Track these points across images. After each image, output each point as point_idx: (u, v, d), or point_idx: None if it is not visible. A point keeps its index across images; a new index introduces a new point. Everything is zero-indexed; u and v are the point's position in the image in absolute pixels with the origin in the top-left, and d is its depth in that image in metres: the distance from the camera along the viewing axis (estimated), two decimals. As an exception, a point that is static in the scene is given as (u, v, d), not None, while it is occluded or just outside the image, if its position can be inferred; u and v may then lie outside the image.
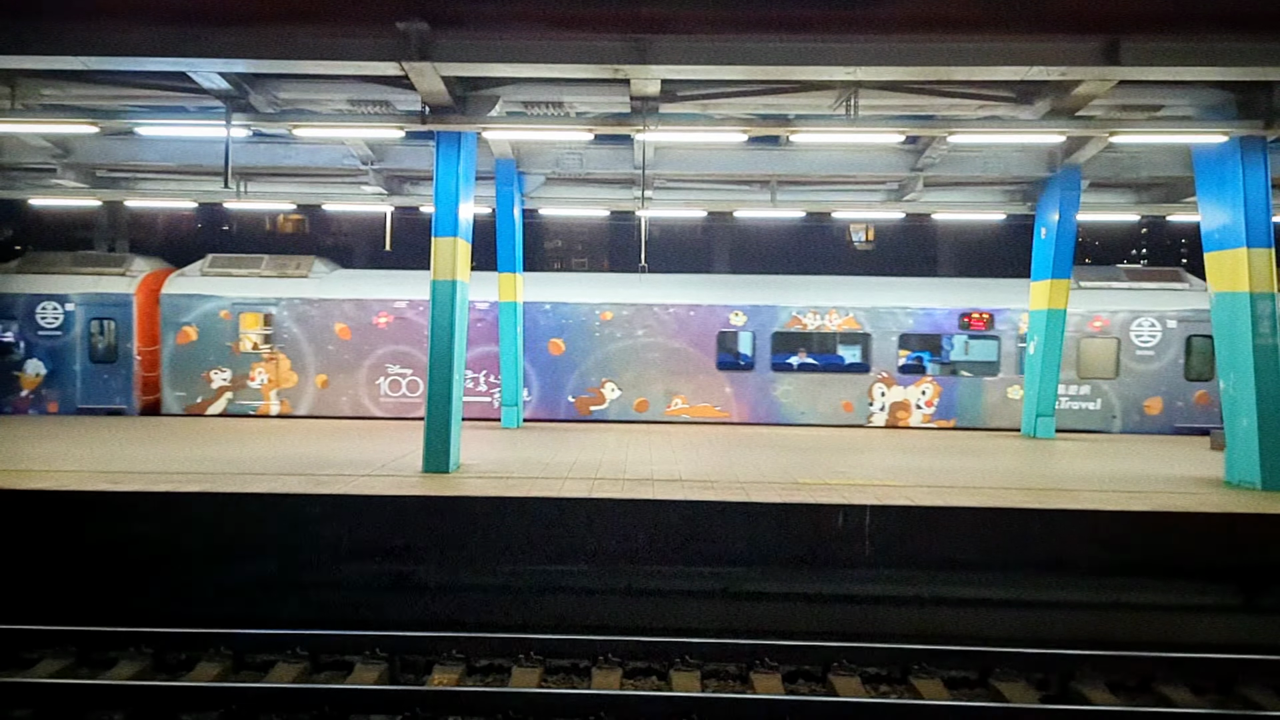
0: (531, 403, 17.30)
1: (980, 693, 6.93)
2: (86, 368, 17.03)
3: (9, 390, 16.99)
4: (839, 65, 9.23)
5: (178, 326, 17.15)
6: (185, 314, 17.13)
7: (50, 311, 16.92)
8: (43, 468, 10.06)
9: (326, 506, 8.70)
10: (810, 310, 17.27)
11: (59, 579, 8.38)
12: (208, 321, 17.15)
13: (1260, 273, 10.45)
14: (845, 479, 10.27)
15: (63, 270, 17.35)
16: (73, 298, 17.01)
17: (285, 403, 17.22)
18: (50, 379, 17.00)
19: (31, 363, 16.96)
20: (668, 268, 19.52)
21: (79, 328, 17.02)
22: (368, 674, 6.82)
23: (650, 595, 8.38)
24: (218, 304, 17.17)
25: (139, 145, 14.30)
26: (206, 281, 17.42)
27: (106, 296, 17.04)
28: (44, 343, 16.98)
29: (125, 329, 17.08)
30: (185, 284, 17.39)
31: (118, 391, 17.07)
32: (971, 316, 17.21)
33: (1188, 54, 9.07)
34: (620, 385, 17.33)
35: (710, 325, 17.31)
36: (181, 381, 17.19)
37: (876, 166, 14.38)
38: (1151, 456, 13.19)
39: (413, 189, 15.84)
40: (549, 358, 17.37)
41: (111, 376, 17.06)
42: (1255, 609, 8.31)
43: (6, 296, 17.00)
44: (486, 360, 17.19)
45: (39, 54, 9.23)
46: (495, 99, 10.71)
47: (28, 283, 17.16)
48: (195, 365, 17.19)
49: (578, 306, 17.36)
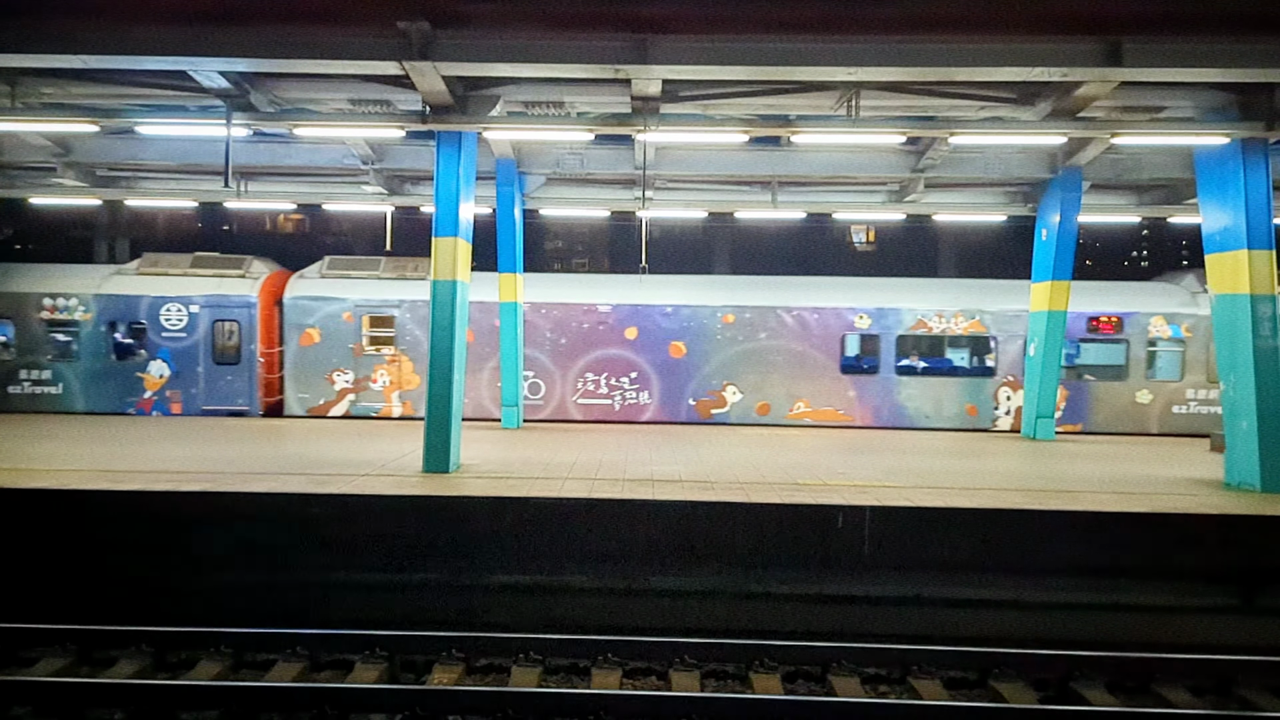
0: (652, 405, 17.31)
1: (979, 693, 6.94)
2: (210, 369, 17.07)
3: (133, 391, 17.03)
4: (840, 66, 9.22)
5: (301, 328, 17.13)
6: (309, 316, 17.13)
7: (175, 313, 16.96)
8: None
9: (325, 506, 8.71)
10: (935, 313, 17.20)
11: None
12: (330, 323, 17.16)
13: (1261, 274, 10.45)
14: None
15: (183, 272, 17.36)
16: (197, 300, 17.04)
17: (407, 404, 17.12)
18: (174, 380, 17.04)
19: (155, 364, 17.00)
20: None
21: (203, 329, 17.05)
22: (368, 673, 6.82)
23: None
24: (340, 306, 17.17)
25: (139, 144, 14.31)
26: (327, 284, 17.41)
27: (230, 299, 17.08)
28: (168, 344, 17.02)
29: (249, 331, 17.09)
30: (308, 286, 17.39)
31: (240, 393, 17.08)
32: (1100, 320, 17.08)
33: (1189, 55, 9.06)
34: (742, 388, 17.28)
35: (834, 328, 17.23)
36: (305, 383, 17.18)
37: (877, 167, 14.38)
38: (1152, 458, 13.18)
39: (413, 189, 15.84)
40: (670, 360, 17.31)
41: (235, 378, 17.09)
42: (1254, 610, 8.31)
43: (129, 298, 17.05)
44: (608, 363, 17.27)
45: (40, 53, 9.22)
46: (496, 99, 10.71)
47: (149, 284, 17.17)
48: (318, 367, 17.20)
49: (699, 309, 17.29)
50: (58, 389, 17.02)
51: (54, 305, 16.98)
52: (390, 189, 15.39)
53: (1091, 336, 17.19)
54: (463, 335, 11.03)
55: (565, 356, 17.34)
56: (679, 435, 15.11)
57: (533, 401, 17.27)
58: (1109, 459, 12.98)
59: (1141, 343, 16.97)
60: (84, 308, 17.00)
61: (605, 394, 17.37)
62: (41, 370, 17.03)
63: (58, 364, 17.08)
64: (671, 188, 15.70)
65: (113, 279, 17.32)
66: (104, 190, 15.65)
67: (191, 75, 10.09)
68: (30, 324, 17.00)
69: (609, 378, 17.35)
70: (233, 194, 15.20)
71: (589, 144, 14.33)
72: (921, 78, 9.64)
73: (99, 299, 17.02)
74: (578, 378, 17.31)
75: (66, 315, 17.02)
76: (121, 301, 17.06)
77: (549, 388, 17.33)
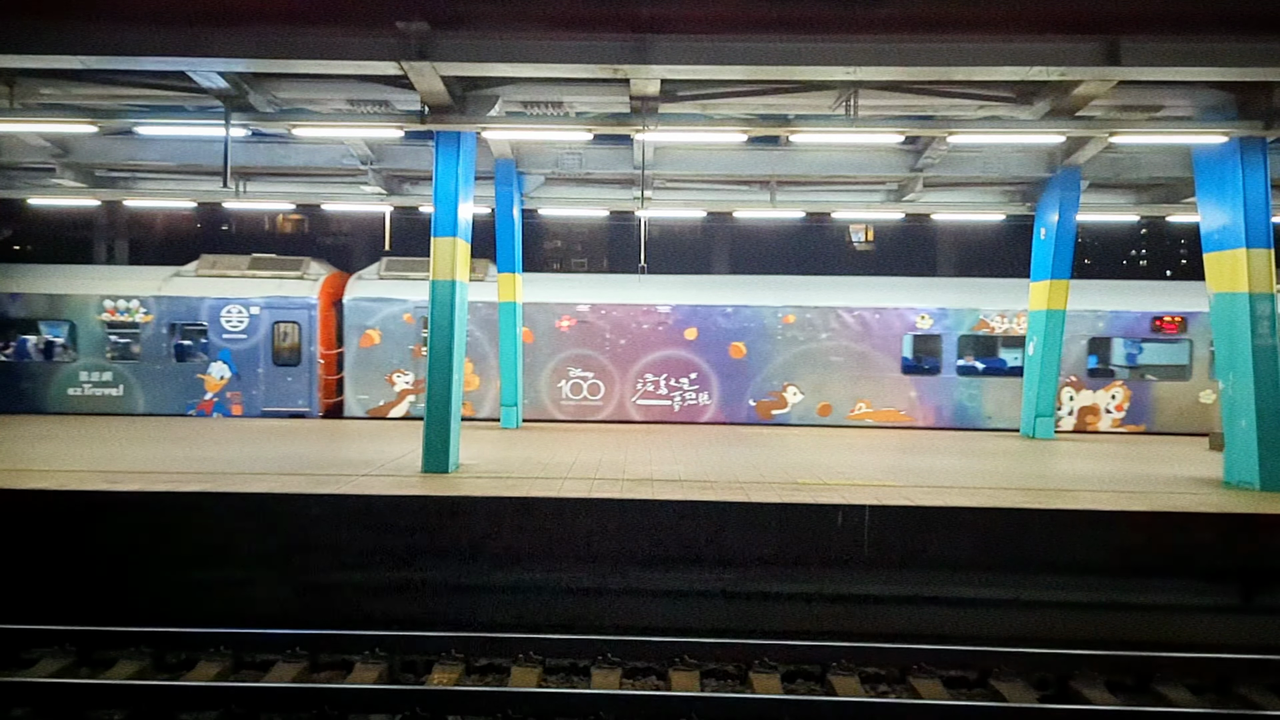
0: (712, 406, 17.30)
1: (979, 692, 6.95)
2: (270, 371, 17.09)
3: (194, 393, 17.05)
4: (839, 65, 9.22)
5: (361, 330, 17.11)
6: (369, 317, 17.10)
7: (235, 315, 16.95)
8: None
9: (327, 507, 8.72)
10: (998, 314, 17.16)
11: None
12: (390, 325, 17.13)
13: (1259, 273, 10.45)
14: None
15: (242, 274, 17.37)
16: (257, 301, 17.04)
17: (468, 405, 16.97)
18: (234, 382, 17.04)
19: (216, 366, 17.02)
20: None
21: (263, 331, 17.05)
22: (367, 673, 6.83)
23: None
24: (400, 307, 17.15)
25: (138, 145, 14.29)
26: (385, 285, 17.37)
27: (291, 300, 17.09)
28: (229, 345, 17.02)
29: (309, 332, 17.09)
30: (367, 288, 17.37)
31: (300, 394, 17.10)
32: (1164, 320, 17.03)
33: (1187, 55, 9.07)
34: (802, 389, 17.27)
35: (896, 328, 17.21)
36: (365, 385, 17.17)
37: (876, 167, 14.39)
38: (1151, 457, 13.19)
39: (412, 189, 15.84)
40: (730, 361, 17.29)
41: (295, 379, 17.10)
42: (1254, 609, 8.32)
43: (190, 300, 17.06)
44: (669, 364, 17.33)
45: (38, 53, 9.21)
46: (495, 99, 10.71)
47: (209, 286, 17.17)
48: (379, 368, 17.20)
49: (760, 309, 17.28)
50: (118, 390, 17.02)
51: (114, 307, 16.99)
52: (389, 189, 15.38)
53: (1154, 336, 17.19)
54: (462, 335, 11.02)
55: (624, 358, 17.37)
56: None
57: (592, 402, 17.30)
58: (1109, 458, 12.99)
59: (1205, 342, 16.82)
60: (145, 309, 17.01)
61: (665, 395, 17.36)
62: (102, 372, 17.04)
63: (118, 365, 17.10)
64: (670, 187, 15.70)
65: (173, 281, 17.30)
66: (102, 191, 15.63)
67: (190, 76, 10.08)
68: (91, 326, 17.01)
69: (669, 378, 17.35)
70: (231, 194, 15.20)
71: (588, 144, 14.31)
72: (920, 77, 9.65)
73: (160, 301, 17.03)
74: (637, 379, 17.35)
75: (127, 317, 17.03)
76: (182, 303, 17.08)
77: (608, 389, 17.34)
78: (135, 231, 36.03)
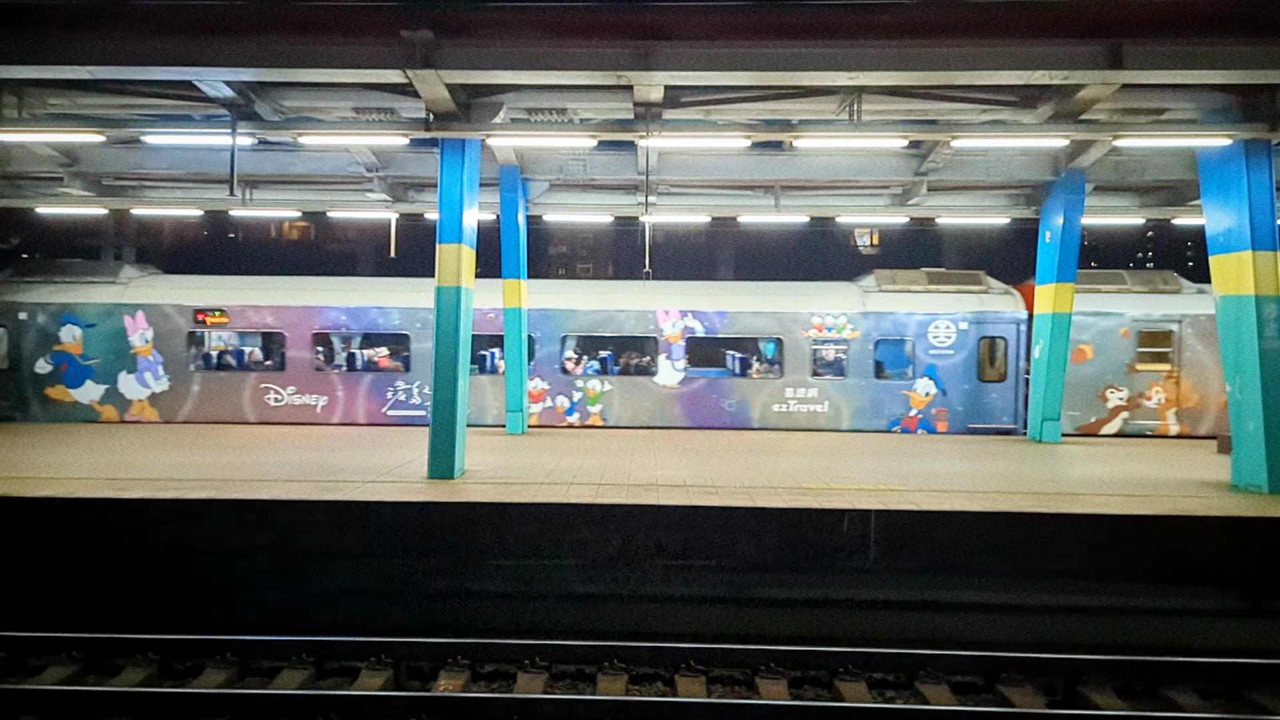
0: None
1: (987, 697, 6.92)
2: (975, 387, 16.95)
3: (898, 409, 16.99)
4: (842, 70, 9.24)
5: (1074, 344, 16.28)
6: (1082, 332, 16.54)
7: (943, 330, 16.86)
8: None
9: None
10: None
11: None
12: (1104, 339, 16.92)
13: (1265, 275, 10.43)
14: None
15: (925, 289, 17.25)
16: (965, 316, 16.94)
17: (1184, 425, 16.77)
18: (939, 399, 16.96)
19: (921, 382, 16.95)
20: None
21: (969, 346, 16.92)
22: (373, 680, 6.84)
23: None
24: (1117, 322, 16.95)
25: (145, 154, 14.36)
26: (1101, 299, 16.89)
27: (1002, 315, 16.91)
28: (934, 361, 16.95)
29: (1015, 347, 16.85)
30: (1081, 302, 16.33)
31: (1004, 411, 16.97)
32: None
33: (1191, 57, 9.05)
34: None
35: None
36: (1074, 401, 16.71)
37: (880, 171, 14.39)
38: (1157, 460, 13.14)
39: (418, 196, 15.89)
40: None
41: (999, 395, 16.98)
42: (1262, 613, 8.28)
43: (895, 316, 17.00)
44: None
45: (46, 64, 9.30)
46: (499, 106, 10.76)
47: (899, 302, 17.06)
48: (1090, 384, 16.89)
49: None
50: (823, 407, 17.09)
51: (821, 323, 17.06)
52: (395, 196, 15.44)
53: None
54: (468, 341, 11.04)
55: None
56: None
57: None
58: (1115, 460, 12.94)
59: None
60: (851, 325, 17.05)
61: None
62: (808, 389, 17.15)
63: (823, 382, 17.19)
64: (674, 193, 15.73)
65: (873, 296, 17.23)
66: (110, 199, 15.74)
67: (197, 85, 10.15)
68: (798, 343, 17.10)
69: None
70: (238, 203, 15.28)
71: (592, 150, 14.35)
72: (923, 82, 9.67)
73: (866, 317, 17.05)
74: None
75: (834, 333, 17.08)
76: (887, 319, 17.04)
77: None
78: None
